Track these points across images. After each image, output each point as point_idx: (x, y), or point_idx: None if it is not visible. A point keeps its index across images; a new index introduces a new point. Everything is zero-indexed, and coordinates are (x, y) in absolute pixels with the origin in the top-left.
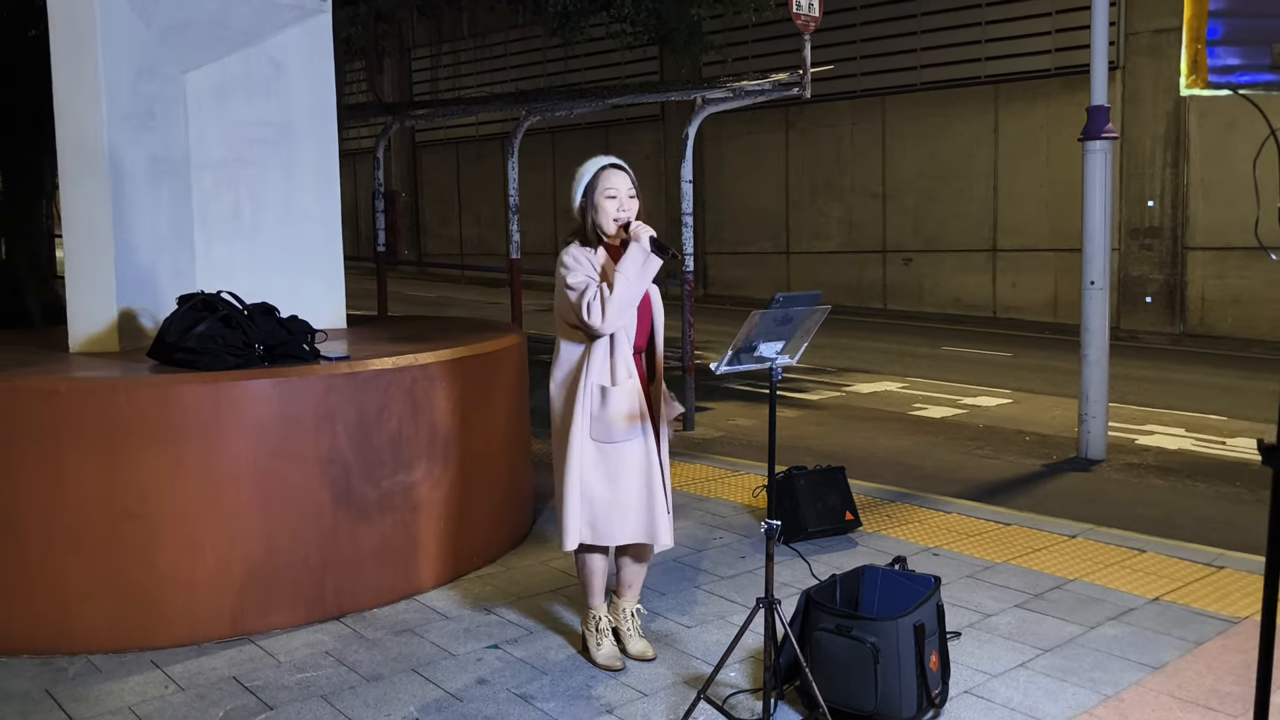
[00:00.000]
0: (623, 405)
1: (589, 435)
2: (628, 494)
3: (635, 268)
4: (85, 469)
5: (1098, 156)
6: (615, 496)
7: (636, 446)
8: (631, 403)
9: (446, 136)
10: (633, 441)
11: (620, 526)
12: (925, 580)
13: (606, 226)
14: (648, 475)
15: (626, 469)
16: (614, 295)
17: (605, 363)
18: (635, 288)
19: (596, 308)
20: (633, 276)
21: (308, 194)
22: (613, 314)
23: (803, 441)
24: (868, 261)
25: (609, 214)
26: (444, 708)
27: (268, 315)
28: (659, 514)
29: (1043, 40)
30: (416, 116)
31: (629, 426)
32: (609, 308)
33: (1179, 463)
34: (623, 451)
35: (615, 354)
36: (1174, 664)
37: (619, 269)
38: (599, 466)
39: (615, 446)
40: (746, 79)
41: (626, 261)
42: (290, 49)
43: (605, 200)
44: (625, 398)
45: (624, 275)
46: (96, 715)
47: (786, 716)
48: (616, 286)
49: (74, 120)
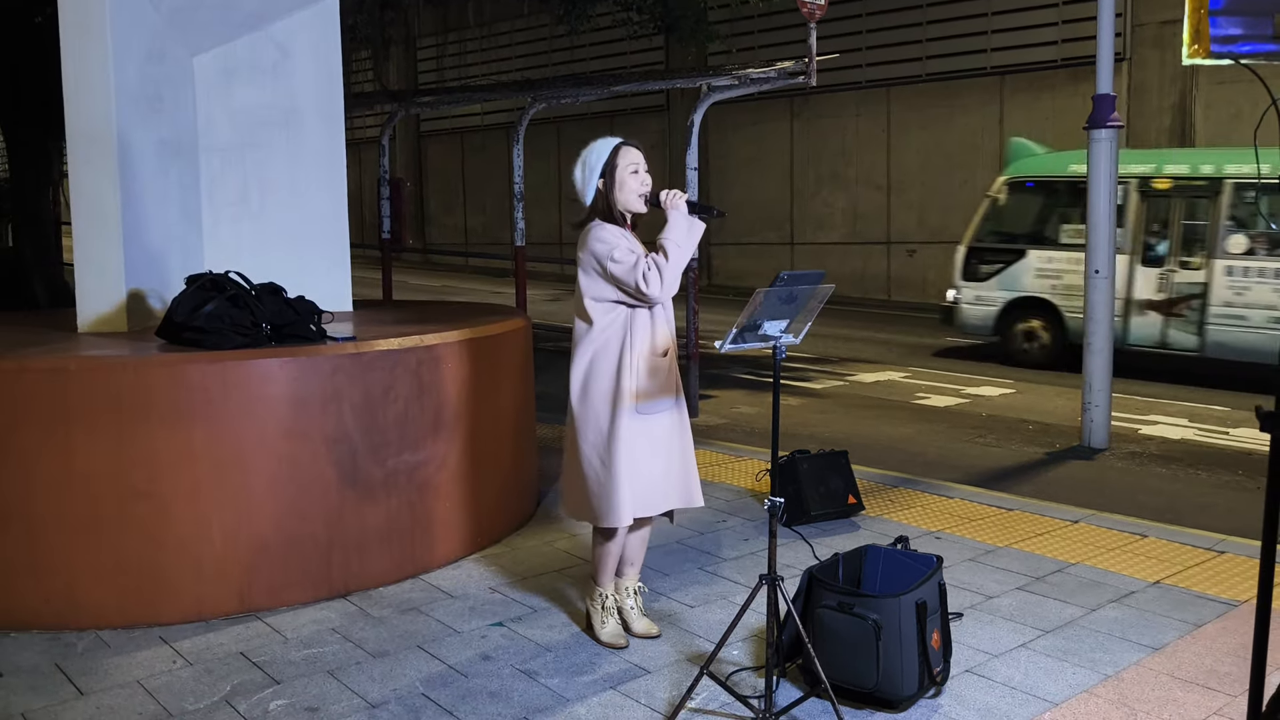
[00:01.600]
0: (665, 374)
1: (635, 410)
2: (668, 461)
3: (682, 232)
4: (94, 447)
5: (1103, 145)
6: (660, 466)
7: (674, 415)
8: (672, 371)
9: (451, 126)
10: (671, 410)
11: (664, 496)
12: (927, 560)
13: (632, 203)
14: (682, 440)
15: (665, 437)
16: (670, 262)
17: (649, 332)
18: (686, 252)
19: (654, 276)
20: (682, 241)
21: (314, 177)
22: (670, 280)
23: (806, 429)
24: (872, 253)
25: (634, 190)
26: (449, 683)
27: (275, 295)
28: (692, 477)
29: (1049, 31)
30: (422, 104)
31: (670, 396)
32: (666, 274)
33: (1182, 452)
34: (663, 420)
35: (657, 325)
36: (1173, 645)
37: (667, 238)
38: (646, 437)
39: (658, 417)
40: (752, 68)
41: (672, 228)
42: (297, 33)
43: (629, 176)
44: (669, 367)
45: (673, 241)
46: (105, 689)
47: (789, 693)
48: (669, 254)
49: (83, 103)
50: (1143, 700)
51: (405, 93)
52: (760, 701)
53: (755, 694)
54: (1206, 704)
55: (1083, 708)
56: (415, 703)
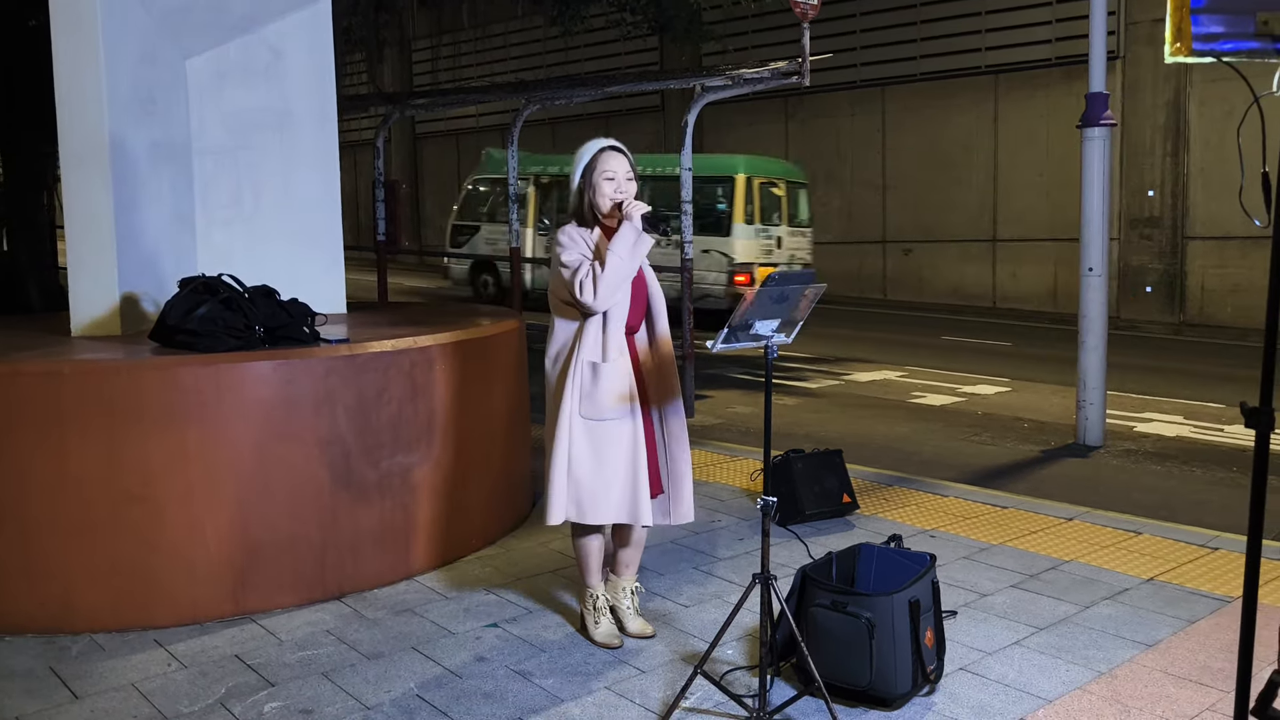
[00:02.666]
0: (613, 383)
1: (578, 412)
2: (614, 473)
3: (627, 246)
4: (88, 450)
5: (1096, 144)
6: (601, 475)
7: (625, 426)
8: (622, 381)
9: (447, 128)
10: (621, 420)
11: (605, 505)
12: (920, 558)
13: (602, 206)
14: (633, 455)
15: (613, 448)
16: (605, 273)
17: (598, 340)
18: (627, 265)
19: (589, 285)
20: (624, 254)
21: (308, 179)
22: (604, 292)
23: (801, 428)
24: (868, 252)
25: (606, 194)
26: (444, 684)
27: (268, 298)
28: (642, 495)
29: (1043, 30)
30: (417, 106)
31: (618, 405)
32: (600, 285)
33: (1176, 449)
34: (610, 430)
35: (608, 331)
36: (1167, 642)
37: (611, 246)
38: (587, 444)
39: (603, 424)
40: (746, 68)
41: (618, 239)
42: (290, 36)
43: (603, 181)
44: (616, 376)
45: (615, 253)
46: (100, 692)
47: (783, 692)
48: (608, 264)
49: (75, 107)
50: (1136, 697)
51: (400, 95)
52: (754, 700)
53: (749, 693)
54: (1199, 700)
55: (1076, 705)
56: (410, 704)
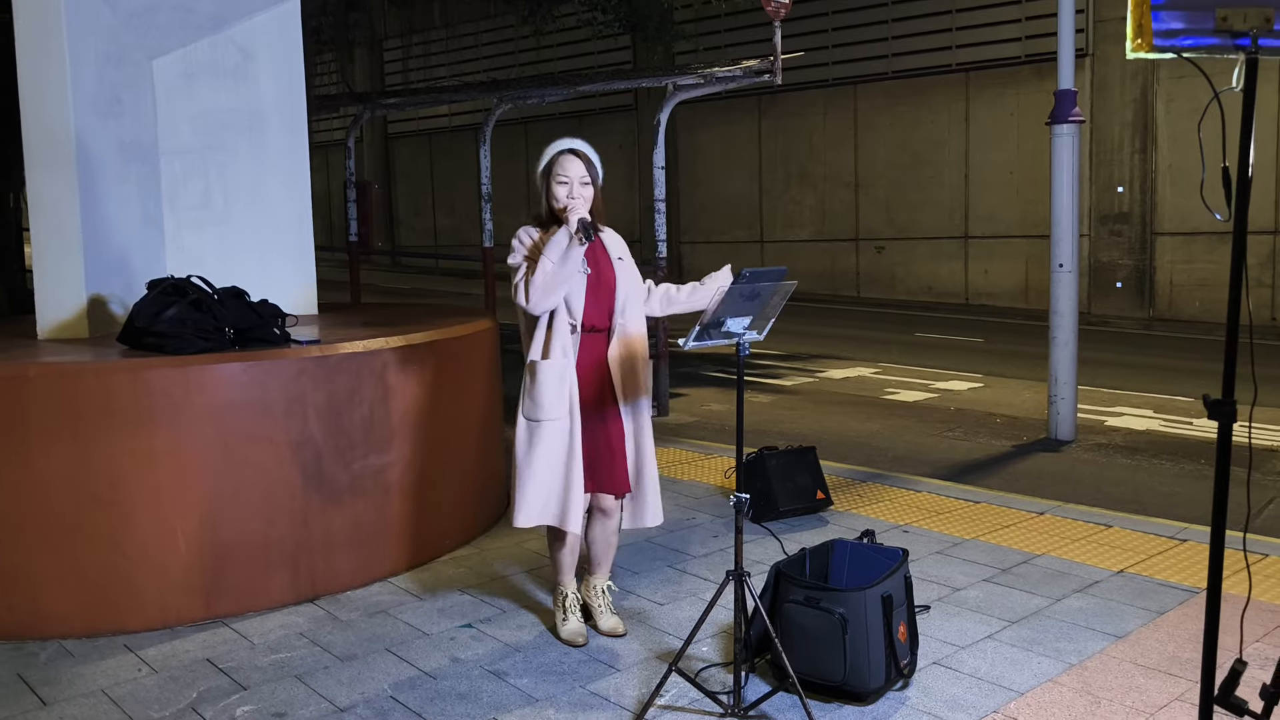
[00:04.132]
0: (550, 384)
1: (522, 412)
2: (549, 474)
3: (558, 251)
4: (55, 454)
5: (1065, 140)
6: (534, 474)
7: (560, 427)
8: (560, 383)
9: (419, 128)
10: (558, 422)
11: (546, 509)
12: (893, 553)
13: (555, 208)
14: (566, 458)
15: (544, 448)
16: (535, 277)
17: (540, 340)
18: (558, 271)
19: (522, 289)
20: (554, 259)
21: (278, 180)
22: (536, 296)
23: (775, 425)
24: (841, 250)
25: (558, 197)
26: (418, 685)
27: (238, 299)
28: (573, 499)
29: (1013, 28)
30: (388, 105)
31: (554, 406)
32: (532, 289)
33: (1146, 442)
34: (545, 431)
35: (552, 330)
36: (1136, 633)
37: (544, 251)
38: (533, 444)
39: (539, 425)
40: (718, 66)
41: (550, 245)
42: (258, 36)
43: (556, 185)
44: (554, 377)
45: (545, 257)
46: (69, 698)
47: (758, 688)
48: (538, 268)
49: (40, 107)
50: (1106, 688)
51: (371, 94)
52: (729, 697)
53: (724, 690)
54: (1168, 690)
55: (1047, 697)
56: (384, 705)
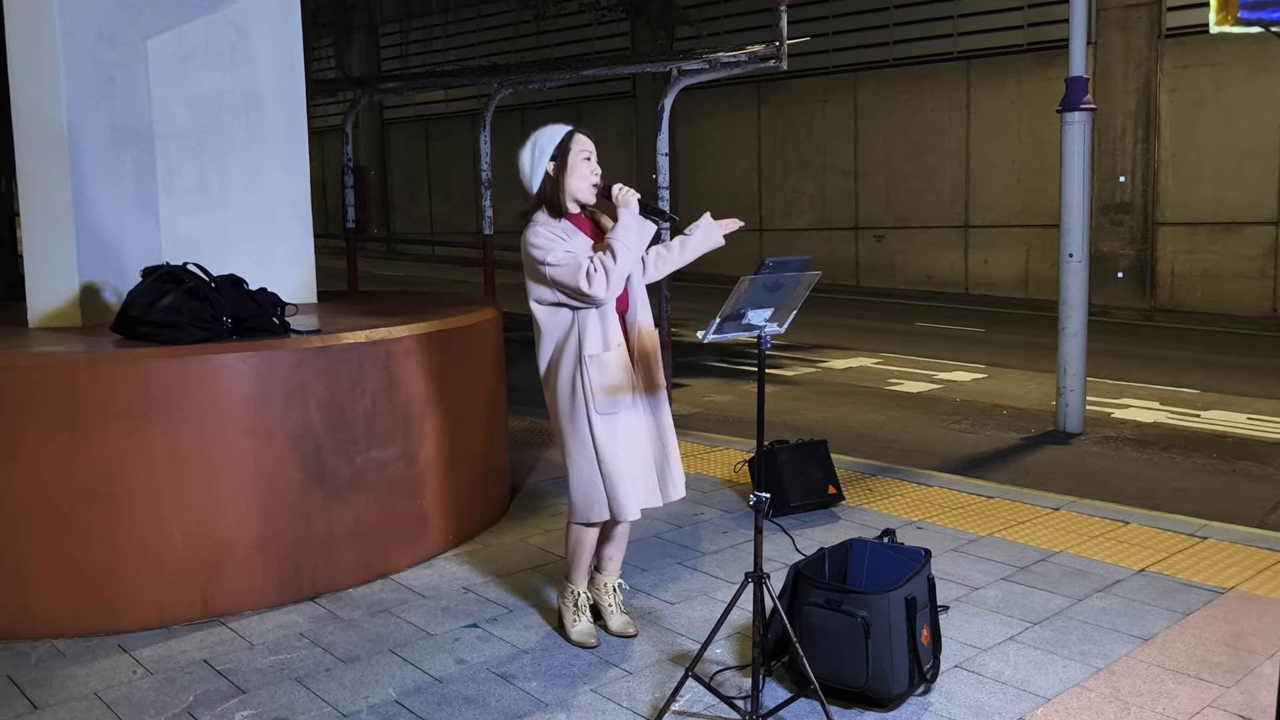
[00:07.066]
0: (619, 372)
1: (597, 410)
2: (641, 458)
3: (632, 234)
4: (47, 448)
5: (1076, 128)
6: (631, 467)
7: (638, 412)
8: (626, 371)
9: (416, 114)
10: (635, 409)
11: (634, 497)
12: (915, 553)
13: (582, 190)
14: (650, 440)
15: (632, 437)
16: (618, 263)
17: (599, 332)
18: (635, 255)
19: (600, 278)
20: (632, 243)
21: (276, 165)
22: (616, 282)
23: (779, 416)
24: (840, 239)
25: (585, 176)
26: (423, 689)
27: (235, 287)
28: (673, 469)
29: (1015, 15)
30: (386, 90)
31: (627, 393)
32: (613, 276)
33: (1155, 435)
34: (625, 421)
35: (606, 321)
36: (1163, 635)
37: (616, 238)
38: (613, 436)
39: (618, 417)
40: (722, 51)
41: (622, 229)
42: (256, 16)
43: (581, 161)
44: (620, 365)
45: (622, 243)
46: (60, 701)
47: (775, 693)
48: (619, 255)
49: (31, 89)
50: (1135, 693)
51: (368, 79)
52: (746, 703)
53: (741, 694)
54: (1200, 696)
55: (1075, 702)
56: (389, 711)
